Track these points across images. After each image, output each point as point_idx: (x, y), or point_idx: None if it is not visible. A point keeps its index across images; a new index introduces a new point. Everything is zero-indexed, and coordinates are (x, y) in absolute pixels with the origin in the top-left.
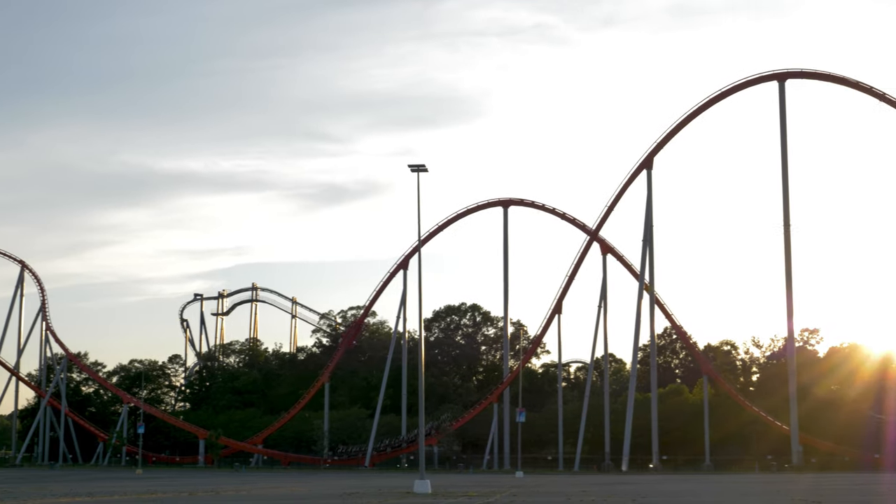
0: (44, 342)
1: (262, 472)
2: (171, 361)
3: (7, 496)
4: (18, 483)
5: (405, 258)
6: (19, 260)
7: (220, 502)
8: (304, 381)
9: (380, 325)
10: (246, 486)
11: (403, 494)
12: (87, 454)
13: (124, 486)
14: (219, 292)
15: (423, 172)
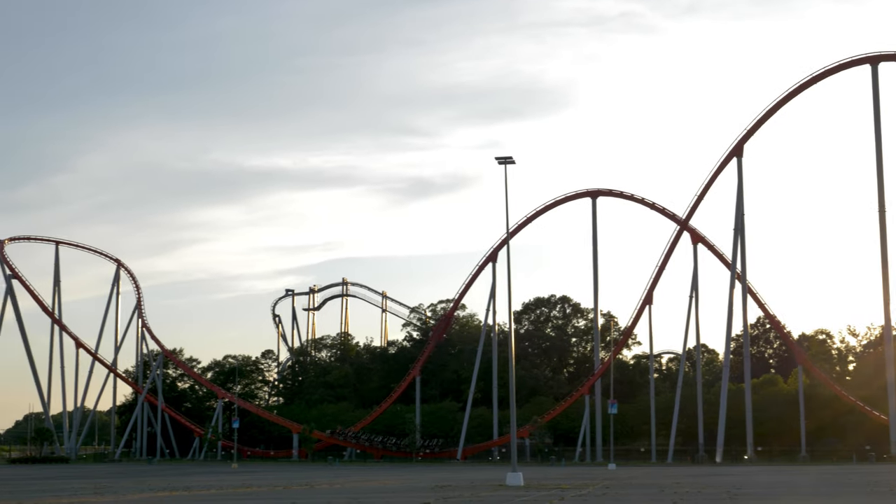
0: (140, 339)
1: (355, 466)
2: (264, 357)
3: (107, 490)
4: (118, 478)
5: (494, 251)
6: (115, 258)
7: (314, 495)
8: (395, 375)
9: (469, 318)
10: (339, 480)
11: (496, 487)
12: (184, 449)
13: (220, 480)
14: (310, 287)
15: (511, 164)
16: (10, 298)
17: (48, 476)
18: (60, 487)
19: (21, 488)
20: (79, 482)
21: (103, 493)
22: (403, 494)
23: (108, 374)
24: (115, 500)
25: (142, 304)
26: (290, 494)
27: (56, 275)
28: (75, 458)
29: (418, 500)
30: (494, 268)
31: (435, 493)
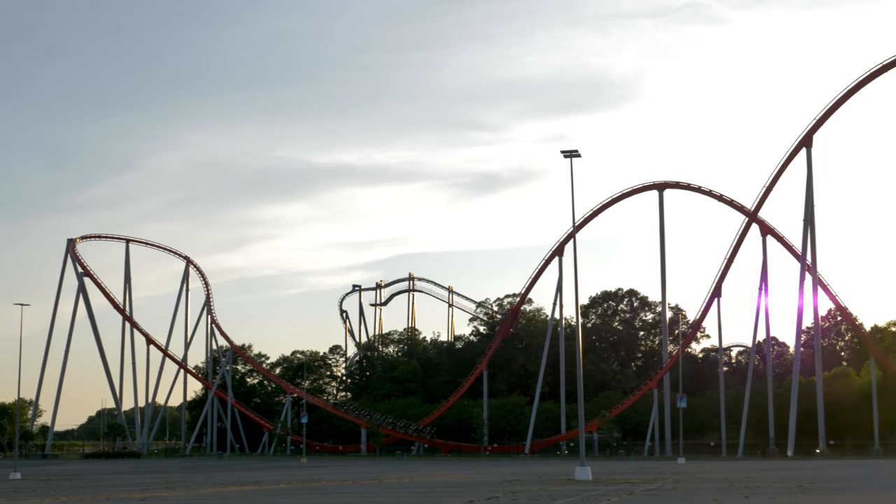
0: (209, 335)
1: (423, 460)
2: (332, 352)
3: (178, 485)
4: (189, 472)
5: (560, 244)
6: (184, 256)
7: (382, 490)
8: (462, 370)
9: (536, 312)
10: (407, 474)
11: (564, 482)
12: (254, 444)
13: (290, 475)
14: (376, 283)
15: (577, 158)
16: (83, 296)
17: (121, 471)
18: (133, 482)
19: (95, 483)
20: (150, 477)
21: (175, 488)
22: (472, 489)
23: (178, 370)
24: (186, 495)
25: (211, 300)
26: (359, 489)
27: (127, 272)
28: (147, 454)
29: (487, 494)
30: (561, 262)
31: (503, 488)
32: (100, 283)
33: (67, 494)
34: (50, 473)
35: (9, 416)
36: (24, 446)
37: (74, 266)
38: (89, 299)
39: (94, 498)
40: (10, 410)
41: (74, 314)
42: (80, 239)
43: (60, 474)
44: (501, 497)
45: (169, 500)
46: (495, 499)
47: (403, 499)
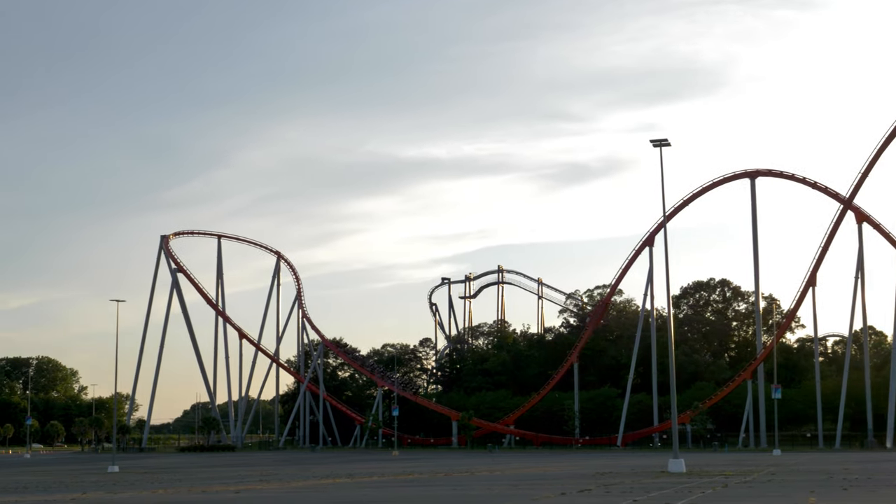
0: (300, 329)
1: (515, 453)
2: (422, 345)
3: (272, 478)
4: (282, 465)
5: (650, 235)
6: (275, 251)
7: (474, 482)
8: (552, 362)
9: (627, 303)
10: (499, 467)
11: (658, 474)
12: (345, 436)
13: (382, 468)
14: (465, 275)
15: (666, 147)
16: (176, 292)
17: (215, 464)
18: (228, 475)
19: (191, 475)
20: (245, 470)
21: (269, 481)
22: (564, 481)
23: (270, 364)
24: (280, 488)
25: (302, 294)
26: (452, 481)
27: (219, 268)
28: (241, 447)
29: (579, 487)
30: (651, 252)
31: (596, 480)
32: (193, 278)
33: (164, 487)
34: (147, 467)
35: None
36: (121, 440)
37: (168, 262)
38: (183, 295)
39: (191, 491)
40: (107, 405)
41: (168, 310)
42: (173, 235)
43: (157, 467)
44: (594, 489)
45: (263, 493)
46: (588, 491)
47: (496, 491)
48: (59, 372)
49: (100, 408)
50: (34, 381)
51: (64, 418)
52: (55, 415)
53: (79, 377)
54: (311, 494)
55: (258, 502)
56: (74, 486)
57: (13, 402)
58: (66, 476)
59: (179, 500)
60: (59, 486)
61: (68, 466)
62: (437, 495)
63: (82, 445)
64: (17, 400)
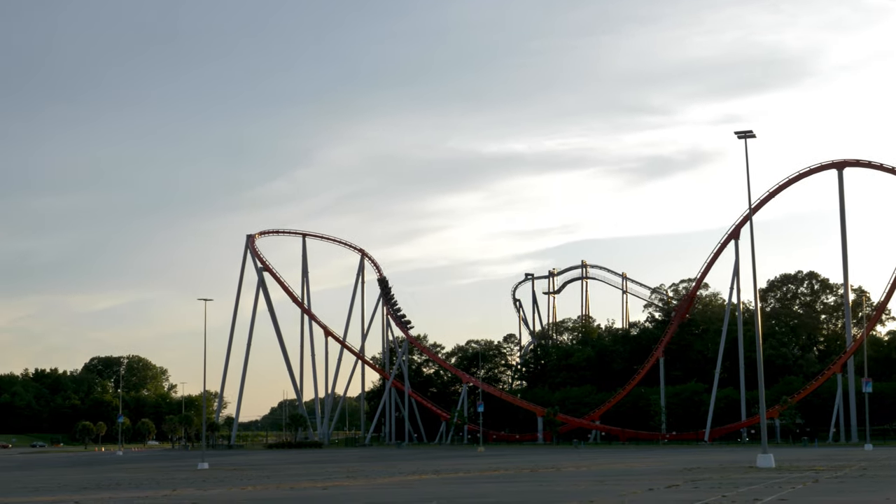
0: (385, 326)
1: (600, 448)
2: (506, 341)
3: (359, 474)
4: (369, 462)
5: (736, 228)
6: (359, 248)
7: (560, 478)
8: (637, 357)
9: (713, 297)
10: (585, 462)
11: (746, 469)
12: (431, 433)
13: (468, 464)
14: (549, 271)
15: (751, 138)
16: (263, 290)
17: (303, 460)
18: (315, 471)
19: (279, 472)
20: (332, 466)
21: (355, 477)
22: (651, 477)
23: (356, 361)
24: (367, 484)
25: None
26: (537, 477)
27: (304, 266)
28: (327, 443)
29: (667, 482)
30: (737, 245)
31: (683, 476)
32: (278, 276)
33: (253, 484)
34: (235, 463)
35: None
36: (210, 437)
37: (254, 261)
38: (269, 293)
39: (279, 487)
40: (196, 402)
41: (255, 308)
42: (259, 234)
43: (245, 464)
44: (682, 485)
45: (351, 489)
46: (675, 487)
47: (582, 487)
48: (149, 370)
49: (189, 405)
50: (125, 380)
51: (154, 416)
52: (146, 412)
53: (168, 375)
54: (397, 491)
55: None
56: (165, 482)
57: (105, 401)
58: (157, 473)
59: (268, 496)
60: (151, 483)
61: (159, 463)
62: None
63: (172, 443)
64: (109, 398)
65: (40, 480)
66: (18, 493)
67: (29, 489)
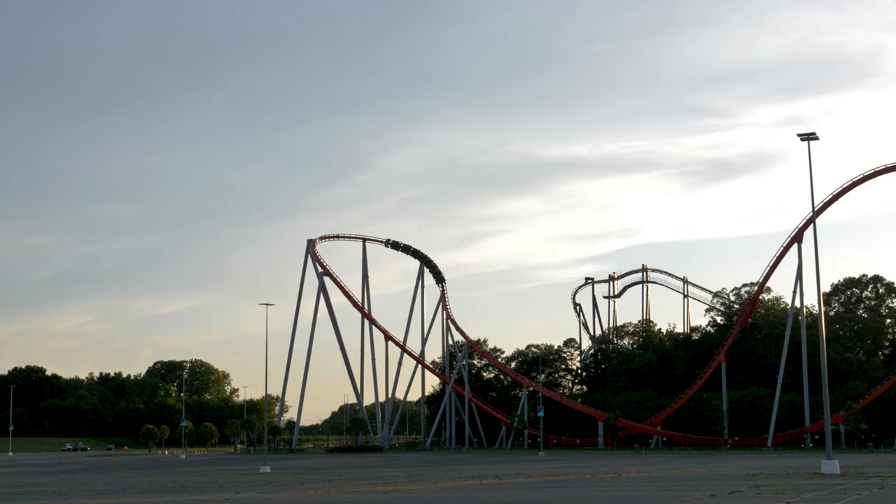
0: (445, 331)
1: (662, 454)
2: (566, 345)
3: (419, 478)
4: (429, 466)
5: (799, 231)
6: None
7: (622, 483)
8: (699, 361)
9: (775, 301)
10: (647, 468)
11: (810, 475)
12: (491, 437)
13: (528, 468)
14: (609, 275)
15: (814, 140)
16: (323, 294)
17: (364, 464)
18: (375, 475)
19: (340, 476)
20: (392, 471)
21: (416, 481)
22: (714, 483)
23: (416, 365)
24: (427, 488)
25: (446, 296)
26: (599, 482)
27: (364, 270)
28: (388, 447)
29: (730, 488)
30: (800, 248)
31: (746, 482)
32: (339, 281)
33: (315, 487)
34: (297, 467)
35: (257, 412)
36: (272, 441)
37: (314, 265)
38: (329, 297)
39: (340, 491)
40: (258, 406)
41: (316, 312)
42: (320, 239)
43: (307, 468)
44: (745, 491)
45: (412, 494)
46: (739, 493)
47: (644, 493)
48: (211, 374)
49: (251, 409)
50: (188, 384)
51: (217, 420)
52: (208, 416)
53: (230, 379)
54: (458, 495)
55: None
56: (228, 485)
57: (168, 405)
58: (219, 476)
59: (330, 500)
60: (214, 486)
61: (221, 467)
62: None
63: (234, 446)
64: (172, 402)
65: (106, 483)
66: (84, 495)
67: (95, 492)
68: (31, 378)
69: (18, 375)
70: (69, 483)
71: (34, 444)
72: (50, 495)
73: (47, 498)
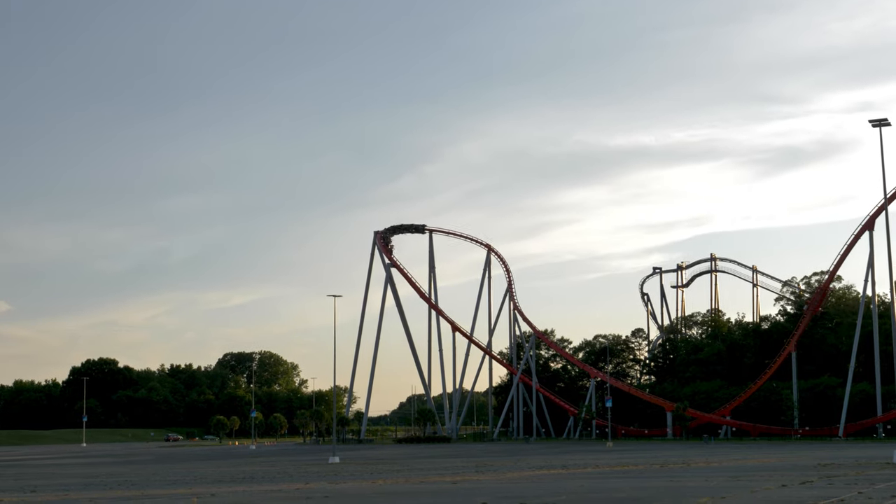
0: (512, 321)
1: (731, 444)
2: (634, 335)
3: (487, 469)
4: (497, 456)
5: (870, 218)
6: (485, 244)
7: (691, 474)
8: (769, 351)
9: (846, 289)
10: (716, 458)
11: (883, 465)
12: (559, 428)
13: (596, 459)
14: (677, 265)
15: (886, 126)
16: (390, 286)
17: (432, 455)
18: (444, 466)
19: (408, 466)
20: (460, 461)
21: (483, 472)
22: (784, 473)
23: (483, 356)
24: (496, 478)
25: (513, 287)
26: (668, 472)
27: (431, 262)
28: (456, 438)
29: (800, 478)
30: (872, 236)
31: (818, 472)
32: (406, 272)
33: (384, 478)
34: (366, 458)
35: (326, 403)
36: (340, 432)
37: (381, 257)
38: (397, 289)
39: (409, 481)
40: (327, 397)
41: (383, 304)
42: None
43: (376, 458)
44: (816, 481)
45: (480, 484)
46: (810, 483)
47: (713, 483)
48: (280, 366)
49: (319, 400)
50: (257, 375)
51: (286, 411)
52: (277, 407)
53: (299, 371)
54: (526, 485)
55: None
56: (298, 476)
57: (238, 396)
58: (289, 466)
59: (399, 489)
60: (284, 477)
61: (291, 457)
62: (654, 486)
63: (304, 437)
64: (242, 393)
65: (177, 474)
66: (157, 485)
67: (167, 482)
68: (103, 370)
69: (92, 368)
70: (141, 473)
71: (108, 434)
72: (123, 485)
73: (121, 488)
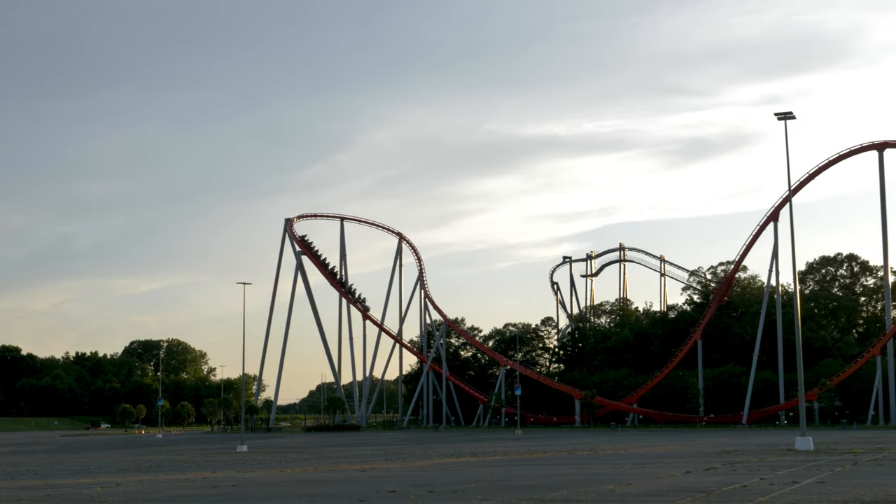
0: (423, 309)
1: (638, 431)
2: (544, 324)
3: (396, 457)
4: (407, 444)
5: (775, 210)
6: (397, 232)
7: (598, 461)
8: (675, 340)
9: (751, 279)
10: (623, 445)
11: (784, 452)
12: (468, 416)
13: (505, 446)
14: (587, 254)
15: (791, 120)
16: (301, 273)
17: (341, 443)
18: (353, 454)
19: (317, 455)
20: (370, 449)
21: (393, 460)
22: (689, 460)
23: (393, 344)
24: (405, 466)
25: (424, 275)
26: (575, 460)
27: (342, 249)
28: (365, 426)
29: (705, 465)
30: (776, 227)
31: (721, 459)
32: (317, 260)
33: (292, 466)
34: (275, 446)
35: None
36: (249, 420)
37: (293, 245)
38: (307, 276)
39: (318, 469)
40: (235, 386)
41: (293, 291)
42: (298, 218)
43: (284, 447)
44: (720, 467)
45: (389, 472)
46: (714, 469)
47: (620, 470)
48: (188, 354)
49: (228, 389)
50: (165, 363)
51: (193, 399)
52: (185, 396)
53: (207, 359)
54: (435, 473)
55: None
56: (205, 465)
57: (145, 384)
58: (196, 455)
59: (308, 478)
60: (191, 465)
61: (199, 446)
62: (562, 473)
63: (211, 426)
64: (149, 381)
65: (81, 463)
66: (61, 475)
67: (71, 471)
68: (6, 358)
69: None
70: (44, 463)
71: (9, 423)
72: (26, 475)
73: (23, 478)
